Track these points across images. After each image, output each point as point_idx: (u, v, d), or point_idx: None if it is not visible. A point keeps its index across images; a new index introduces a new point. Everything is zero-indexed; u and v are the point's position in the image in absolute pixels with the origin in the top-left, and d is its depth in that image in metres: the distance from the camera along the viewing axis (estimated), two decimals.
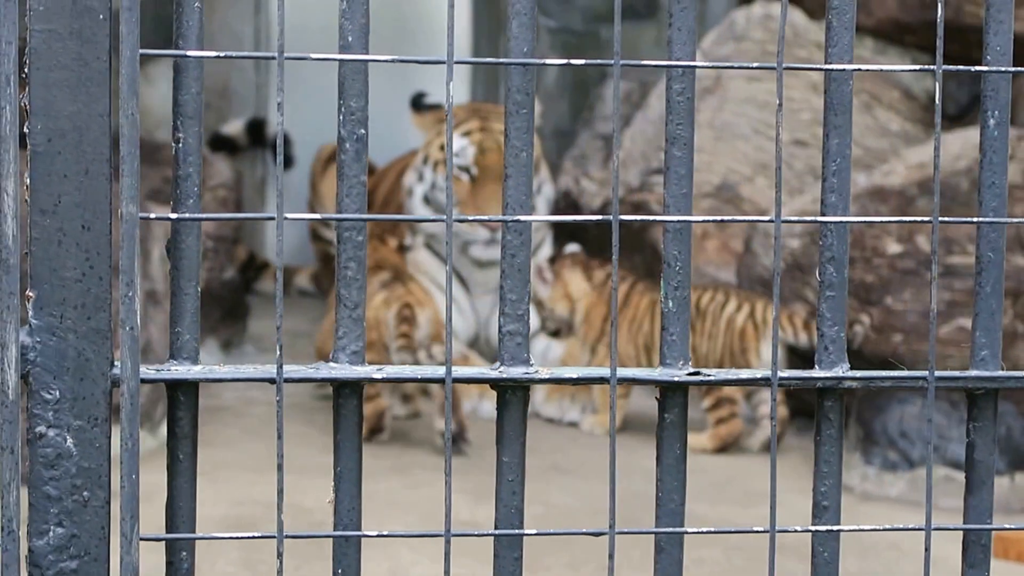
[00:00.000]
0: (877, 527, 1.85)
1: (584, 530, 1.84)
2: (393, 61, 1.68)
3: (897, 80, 5.85)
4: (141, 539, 1.69)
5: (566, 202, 6.31)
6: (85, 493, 1.70)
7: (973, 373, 1.85)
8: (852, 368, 1.84)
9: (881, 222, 1.71)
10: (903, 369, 1.86)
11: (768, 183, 5.71)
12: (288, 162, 7.54)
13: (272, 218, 1.64)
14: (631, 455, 4.64)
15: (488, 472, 4.04)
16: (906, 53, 5.90)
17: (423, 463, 4.73)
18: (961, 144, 4.75)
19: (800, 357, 4.96)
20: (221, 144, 7.31)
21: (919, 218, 1.77)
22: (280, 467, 1.69)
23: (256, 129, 7.57)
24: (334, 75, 1.76)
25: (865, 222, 1.73)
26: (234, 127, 7.41)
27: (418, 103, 6.24)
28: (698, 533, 1.83)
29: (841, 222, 1.80)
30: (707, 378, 1.81)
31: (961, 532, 1.91)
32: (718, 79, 5.88)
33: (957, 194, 4.49)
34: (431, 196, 6.06)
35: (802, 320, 4.97)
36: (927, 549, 1.82)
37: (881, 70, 1.69)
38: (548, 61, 1.71)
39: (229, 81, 7.37)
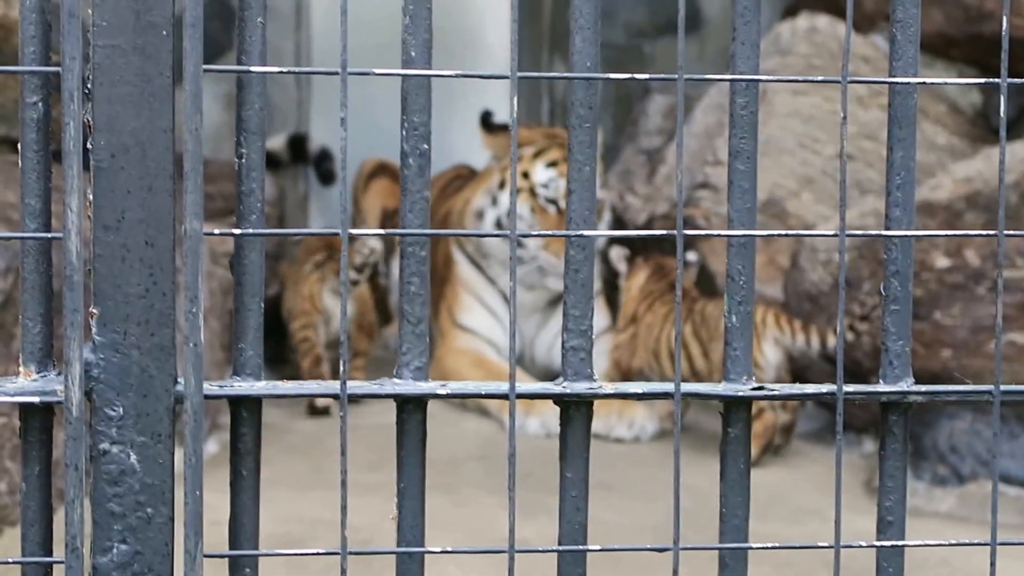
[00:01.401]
0: (943, 542, 1.84)
1: (648, 546, 1.83)
2: (457, 76, 1.68)
3: (944, 94, 5.82)
4: (205, 556, 1.68)
5: (611, 217, 6.28)
6: (149, 510, 1.70)
7: None
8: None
9: (948, 236, 1.70)
10: (968, 381, 1.85)
11: (814, 198, 5.69)
12: (330, 177, 7.54)
13: (337, 233, 1.64)
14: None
15: (532, 488, 4.03)
16: (952, 66, 5.88)
17: (469, 481, 4.72)
18: (1009, 158, 4.71)
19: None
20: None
21: (984, 232, 1.76)
22: (344, 483, 1.69)
23: (298, 145, 7.57)
24: (374, 91, 1.76)
25: (928, 236, 1.72)
26: (276, 143, 7.40)
27: (488, 122, 6.07)
28: (762, 548, 1.82)
29: (906, 236, 1.79)
30: (771, 393, 1.80)
31: (1017, 548, 1.89)
32: (763, 93, 5.85)
33: (1006, 208, 4.46)
34: (505, 222, 5.84)
35: (801, 323, 5.04)
36: (992, 564, 1.81)
37: (947, 83, 1.68)
38: (612, 75, 1.71)
39: (270, 97, 7.36)
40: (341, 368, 1.65)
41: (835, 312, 5.05)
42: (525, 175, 5.80)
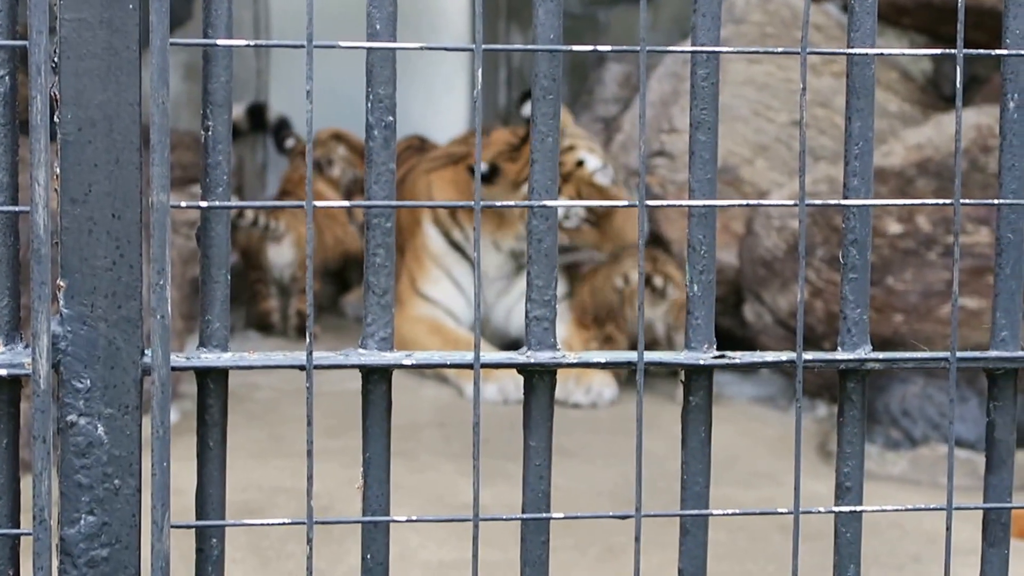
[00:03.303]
0: (900, 507, 1.87)
1: (610, 513, 1.85)
2: (421, 48, 1.69)
3: (895, 61, 5.87)
4: (172, 527, 1.70)
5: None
6: (116, 481, 1.71)
7: (994, 354, 1.87)
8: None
9: (904, 205, 1.73)
10: (924, 348, 1.88)
11: (768, 165, 5.73)
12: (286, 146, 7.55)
13: (301, 205, 1.65)
14: (632, 437, 4.66)
15: (490, 454, 4.07)
16: (903, 35, 5.93)
17: (428, 447, 4.75)
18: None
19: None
20: None
21: (940, 200, 1.78)
22: (310, 453, 1.70)
23: (256, 114, 7.59)
24: (332, 61, 1.77)
25: (886, 205, 1.74)
26: (234, 112, 7.42)
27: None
28: (723, 515, 1.85)
29: (865, 205, 1.82)
30: (732, 360, 1.82)
31: (968, 511, 1.93)
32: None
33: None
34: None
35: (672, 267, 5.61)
36: (948, 528, 1.84)
37: (905, 54, 1.71)
38: (575, 47, 1.72)
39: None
40: (307, 339, 1.67)
41: (788, 277, 5.10)
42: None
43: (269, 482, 4.24)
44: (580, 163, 5.82)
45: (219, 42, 1.69)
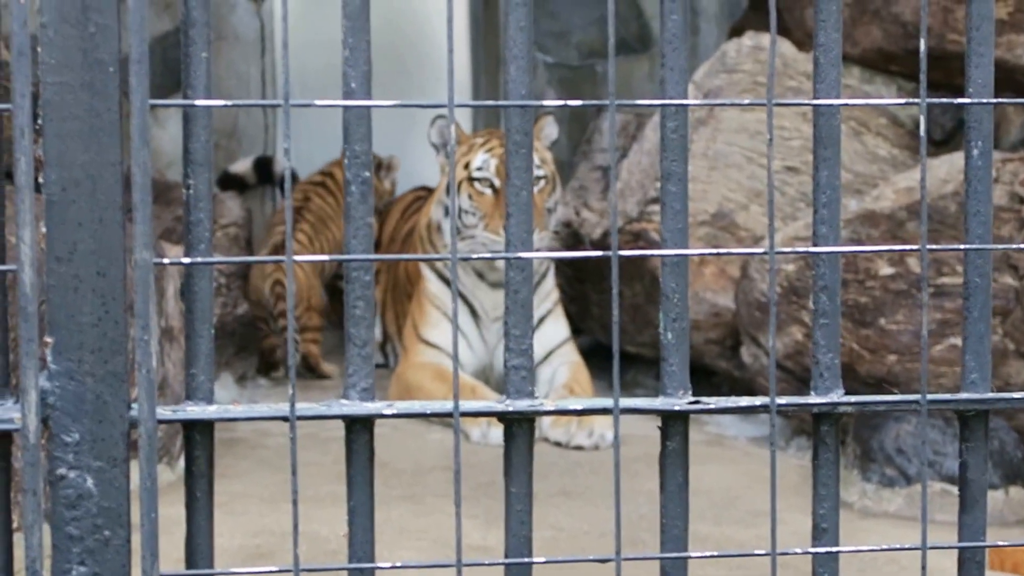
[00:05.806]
0: (875, 547, 1.90)
1: (591, 557, 1.88)
2: (396, 106, 1.74)
3: (884, 108, 5.93)
4: (161, 575, 1.73)
5: (567, 232, 6.38)
6: (106, 532, 1.74)
7: (964, 396, 1.91)
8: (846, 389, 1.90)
9: (871, 252, 1.77)
10: (896, 391, 1.91)
11: (762, 210, 5.78)
12: None
13: (282, 260, 1.69)
14: (634, 479, 4.69)
15: (495, 497, 4.07)
16: (891, 81, 6.00)
17: (434, 490, 4.78)
18: (947, 169, 4.81)
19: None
20: (230, 183, 7.49)
21: (908, 247, 1.82)
22: (295, 502, 1.73)
23: (264, 167, 7.69)
24: (337, 115, 1.81)
25: (855, 252, 1.78)
26: (242, 166, 7.55)
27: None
28: (701, 557, 1.88)
29: (833, 252, 1.86)
30: (707, 406, 1.86)
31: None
32: (711, 110, 5.93)
33: (945, 217, 4.55)
34: (459, 224, 5.87)
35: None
36: (923, 568, 1.87)
37: (867, 104, 1.75)
38: (546, 102, 1.77)
39: (237, 122, 7.51)
40: (290, 391, 1.71)
41: (784, 320, 5.13)
42: (466, 166, 5.87)
43: (281, 527, 4.27)
44: (467, 165, 5.89)
45: (197, 102, 1.74)
